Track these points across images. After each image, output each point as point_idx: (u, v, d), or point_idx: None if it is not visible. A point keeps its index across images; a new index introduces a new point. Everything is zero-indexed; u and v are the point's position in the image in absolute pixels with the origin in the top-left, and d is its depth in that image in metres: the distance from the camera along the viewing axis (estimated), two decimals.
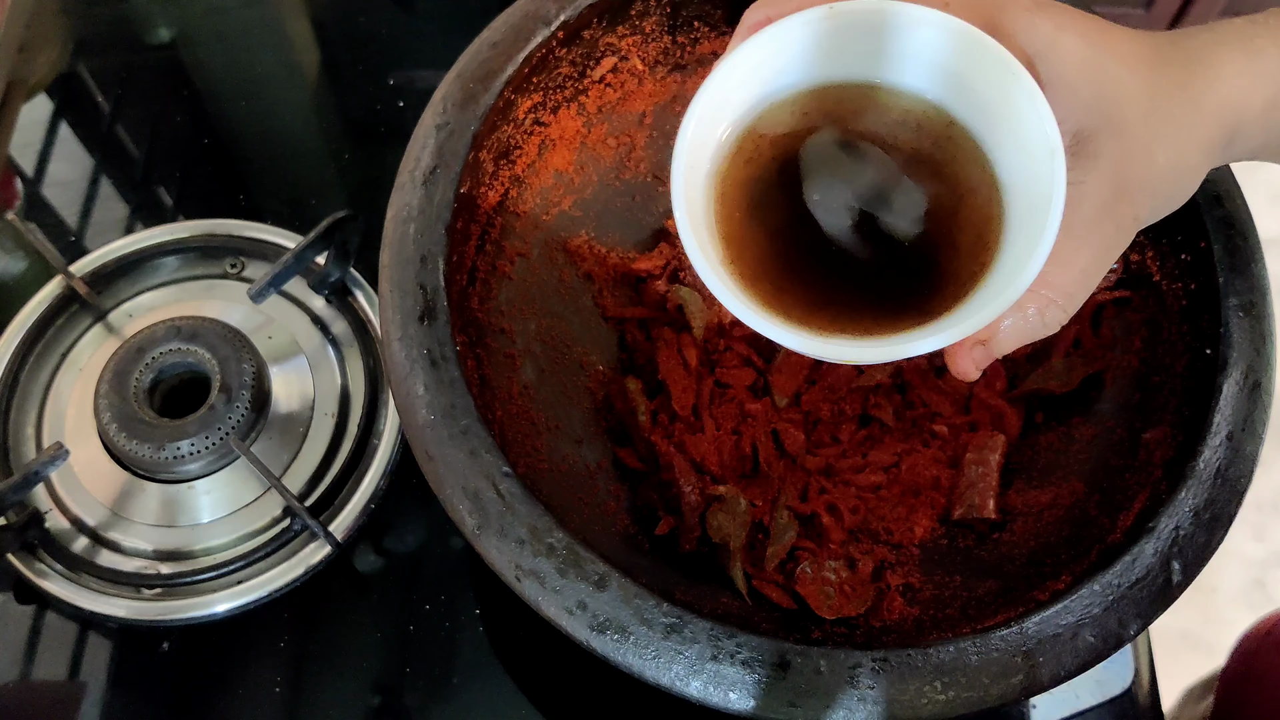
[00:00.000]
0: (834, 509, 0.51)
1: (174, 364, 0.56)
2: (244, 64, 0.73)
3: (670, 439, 0.51)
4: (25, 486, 0.52)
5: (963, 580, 0.47)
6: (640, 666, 0.37)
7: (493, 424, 0.42)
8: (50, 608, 0.53)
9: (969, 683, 0.37)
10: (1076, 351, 0.53)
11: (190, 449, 0.54)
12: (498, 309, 0.50)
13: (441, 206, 0.45)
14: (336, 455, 0.57)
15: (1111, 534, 0.43)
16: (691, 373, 0.54)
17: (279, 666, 0.52)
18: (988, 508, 0.50)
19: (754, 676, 0.37)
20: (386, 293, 0.43)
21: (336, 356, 0.60)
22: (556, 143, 0.54)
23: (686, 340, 0.54)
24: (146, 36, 0.75)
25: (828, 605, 0.46)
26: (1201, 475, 0.41)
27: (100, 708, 0.51)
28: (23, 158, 0.69)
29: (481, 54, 0.48)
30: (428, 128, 0.46)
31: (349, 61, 0.74)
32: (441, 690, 0.52)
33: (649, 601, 0.38)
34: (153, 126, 0.70)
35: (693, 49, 0.57)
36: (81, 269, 0.61)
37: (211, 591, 0.53)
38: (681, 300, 0.55)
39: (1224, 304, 0.45)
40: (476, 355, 0.46)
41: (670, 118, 0.58)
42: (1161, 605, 0.40)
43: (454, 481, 0.40)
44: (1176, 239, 0.49)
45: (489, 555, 0.39)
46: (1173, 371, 0.47)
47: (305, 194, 0.67)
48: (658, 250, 0.58)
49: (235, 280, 0.63)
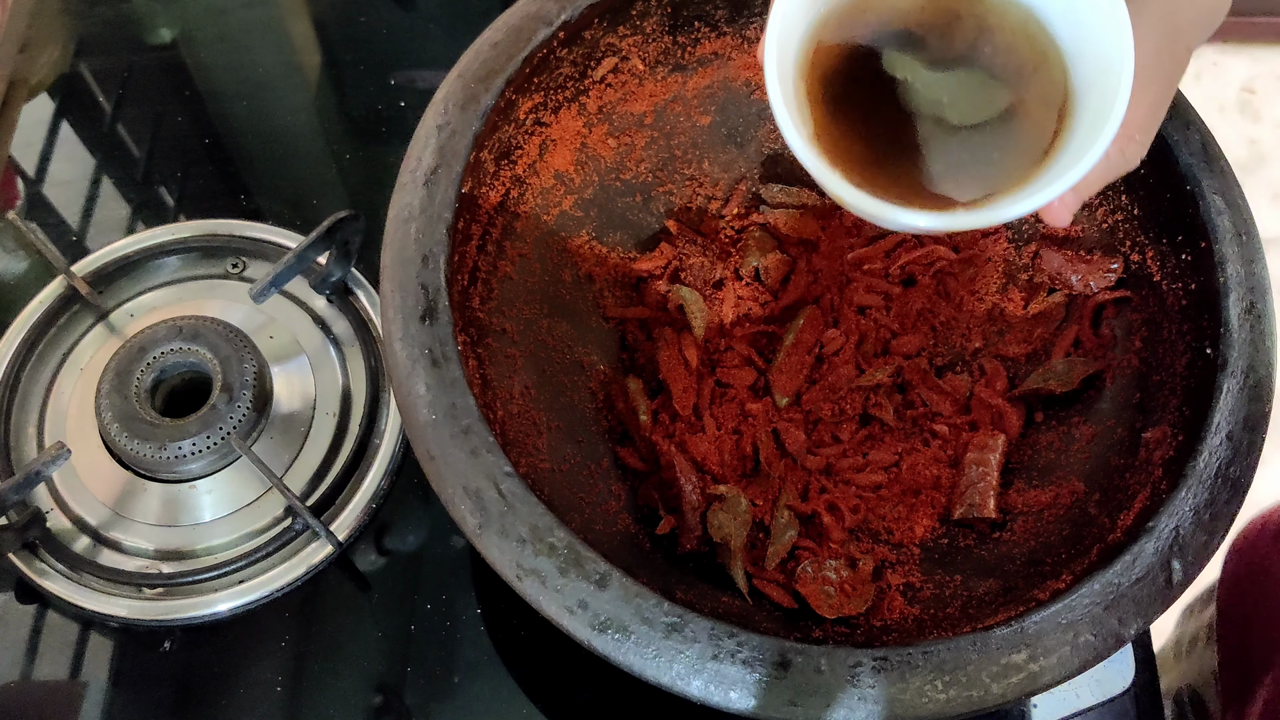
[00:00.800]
0: (834, 508, 0.51)
1: (175, 364, 0.56)
2: (245, 64, 0.73)
3: (671, 439, 0.51)
4: (27, 486, 0.52)
5: (963, 580, 0.47)
6: (641, 666, 0.37)
7: (494, 424, 0.42)
8: (51, 607, 0.53)
9: (969, 682, 0.37)
10: (1076, 351, 0.53)
11: (191, 449, 0.54)
12: (499, 309, 0.50)
13: (443, 206, 0.45)
14: (338, 455, 0.57)
15: (1112, 533, 0.43)
16: (692, 372, 0.54)
17: (280, 666, 0.52)
18: (988, 507, 0.50)
19: (755, 675, 0.37)
20: (388, 292, 0.43)
21: (338, 356, 0.60)
22: (557, 143, 0.54)
23: (687, 340, 0.54)
24: (148, 36, 0.75)
25: (828, 604, 0.46)
26: (1202, 475, 0.41)
27: (101, 707, 0.51)
28: (24, 158, 0.69)
29: (482, 54, 0.48)
30: (429, 128, 0.47)
31: (350, 62, 0.74)
32: (443, 689, 0.52)
33: (650, 601, 0.38)
34: (154, 126, 0.70)
35: (693, 49, 0.57)
36: (83, 269, 0.61)
37: (213, 591, 0.53)
38: (682, 300, 0.55)
39: (1224, 304, 0.45)
40: (478, 355, 0.46)
41: (670, 118, 0.58)
42: (1161, 605, 0.40)
43: (455, 481, 0.40)
44: (1176, 239, 0.49)
45: (490, 554, 0.39)
46: (1173, 371, 0.47)
47: (306, 194, 0.67)
48: (658, 250, 0.58)
49: (236, 280, 0.63)
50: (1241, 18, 1.63)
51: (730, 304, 0.57)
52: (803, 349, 0.55)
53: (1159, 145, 0.48)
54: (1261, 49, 1.72)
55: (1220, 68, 1.71)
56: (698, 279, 0.57)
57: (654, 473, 0.51)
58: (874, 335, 0.55)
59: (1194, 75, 1.69)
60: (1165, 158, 0.48)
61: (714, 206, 0.60)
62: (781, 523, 0.50)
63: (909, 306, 0.56)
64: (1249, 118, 1.65)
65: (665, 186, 0.59)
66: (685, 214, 0.59)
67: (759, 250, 0.57)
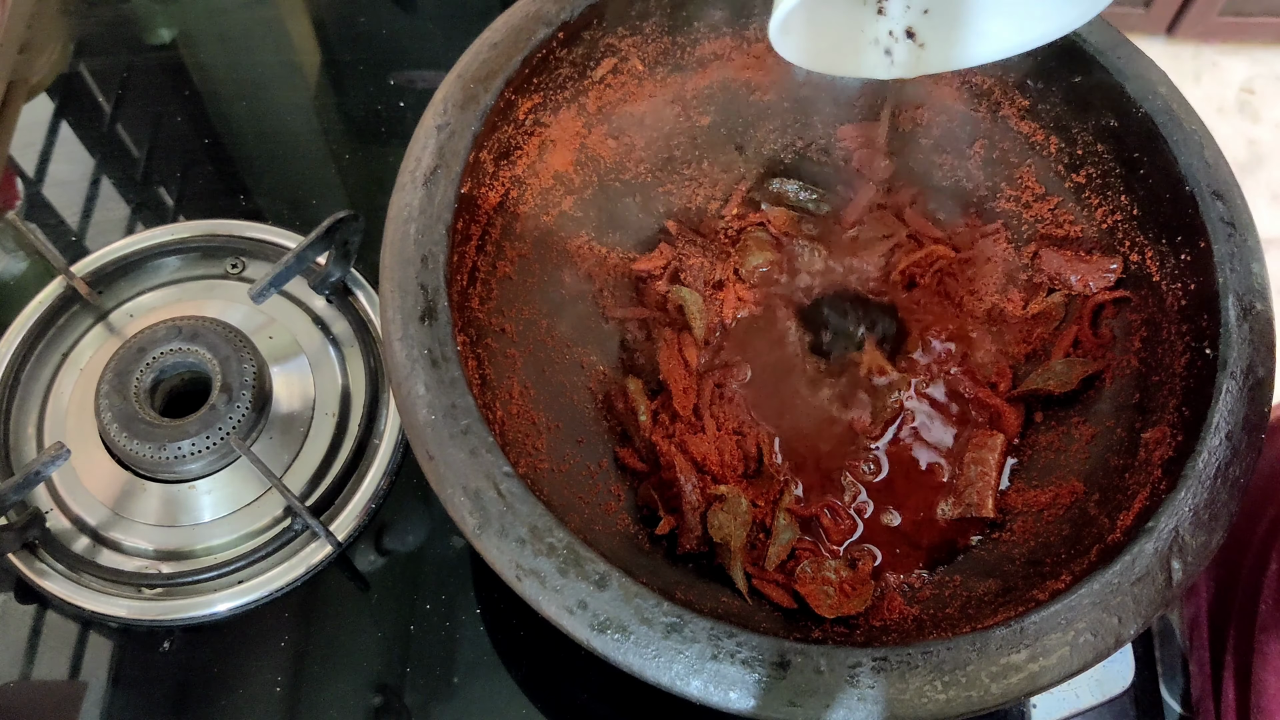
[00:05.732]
0: (834, 511, 0.51)
1: (175, 364, 0.56)
2: (245, 64, 0.73)
3: (671, 439, 0.51)
4: (26, 486, 0.52)
5: (963, 580, 0.47)
6: (640, 666, 0.37)
7: (493, 424, 0.42)
8: (51, 607, 0.53)
9: (969, 682, 0.37)
10: (1076, 351, 0.53)
11: (191, 449, 0.54)
12: (498, 309, 0.50)
13: (442, 207, 0.45)
14: (337, 455, 0.57)
15: (1111, 533, 0.43)
16: (692, 373, 0.54)
17: (280, 666, 0.52)
18: (987, 507, 0.50)
19: (754, 676, 0.37)
20: (387, 292, 0.43)
21: (337, 356, 0.60)
22: (557, 143, 0.54)
23: (687, 340, 0.54)
24: (147, 37, 0.75)
25: (827, 604, 0.46)
26: (1201, 475, 0.41)
27: (101, 707, 0.51)
28: (24, 158, 0.69)
29: (482, 54, 0.48)
30: (428, 128, 0.47)
31: (350, 62, 0.74)
32: (442, 689, 0.52)
33: (649, 601, 0.38)
34: (154, 127, 0.70)
35: (693, 50, 0.57)
36: (82, 269, 0.61)
37: (212, 591, 0.53)
38: (682, 300, 0.55)
39: (1223, 304, 0.45)
40: (477, 355, 0.46)
41: (670, 118, 0.58)
42: (1162, 605, 0.40)
43: (455, 481, 0.40)
44: (1176, 239, 0.49)
45: (489, 555, 0.39)
46: (1172, 371, 0.47)
47: (306, 194, 0.67)
48: (658, 250, 0.58)
49: (236, 280, 0.63)
50: (1241, 18, 1.64)
51: (730, 304, 0.57)
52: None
53: (1159, 145, 0.48)
54: (1261, 49, 1.72)
55: (1220, 68, 1.71)
56: (698, 279, 0.57)
57: (654, 473, 0.51)
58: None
59: (1194, 75, 1.69)
60: (1165, 158, 0.48)
61: (714, 206, 0.60)
62: (782, 523, 0.50)
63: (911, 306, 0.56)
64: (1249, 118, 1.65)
65: (665, 186, 0.59)
66: (685, 214, 0.59)
67: (758, 250, 0.57)
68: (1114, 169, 0.52)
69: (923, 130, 0.59)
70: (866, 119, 0.60)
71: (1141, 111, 0.49)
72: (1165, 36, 1.69)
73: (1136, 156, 0.50)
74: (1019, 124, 0.55)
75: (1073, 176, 0.54)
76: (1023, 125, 0.55)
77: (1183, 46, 1.71)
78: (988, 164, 0.57)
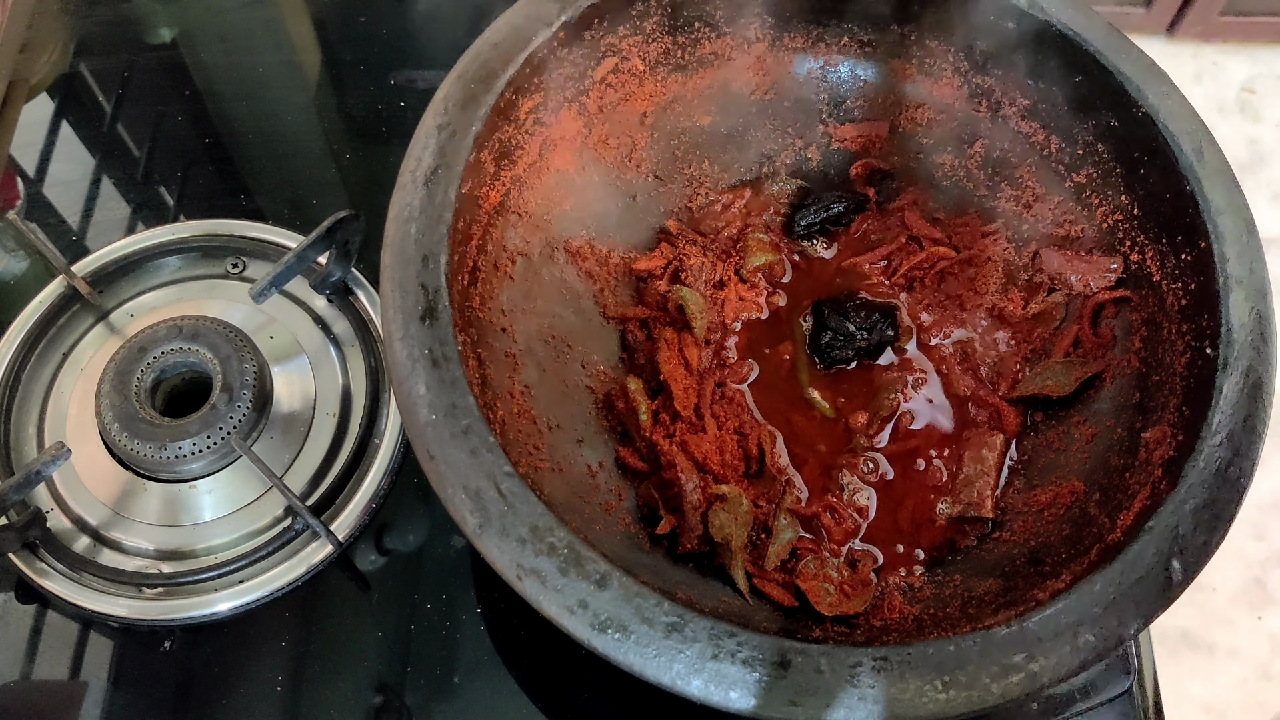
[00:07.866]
0: (835, 511, 0.51)
1: (175, 364, 0.56)
2: (245, 64, 0.73)
3: (671, 439, 0.51)
4: (27, 486, 0.52)
5: (963, 579, 0.47)
6: (641, 665, 0.37)
7: (494, 423, 0.42)
8: (52, 607, 0.53)
9: (969, 682, 0.37)
10: (1076, 351, 0.53)
11: (192, 448, 0.54)
12: (499, 309, 0.50)
13: (443, 206, 0.45)
14: (338, 455, 0.57)
15: (1111, 533, 0.43)
16: (693, 372, 0.54)
17: (280, 665, 0.52)
18: (986, 507, 0.50)
19: (755, 675, 0.37)
20: (388, 292, 0.43)
21: (338, 356, 0.60)
22: (557, 143, 0.54)
23: (688, 340, 0.54)
24: (148, 36, 0.75)
25: (827, 601, 0.46)
26: (1201, 475, 0.41)
27: (102, 707, 0.51)
28: (24, 158, 0.69)
29: (483, 54, 0.48)
30: (429, 128, 0.47)
31: (350, 62, 0.74)
32: (442, 689, 0.52)
33: (650, 600, 0.38)
34: (154, 126, 0.70)
35: (693, 49, 0.57)
36: (83, 269, 0.61)
37: (213, 591, 0.53)
38: (682, 300, 0.55)
39: (1224, 304, 0.45)
40: (478, 355, 0.46)
41: (670, 118, 0.58)
42: (1161, 605, 0.40)
43: (455, 481, 0.40)
44: (1176, 239, 0.49)
45: (490, 554, 0.39)
46: (1172, 371, 0.47)
47: (306, 194, 0.67)
48: (658, 250, 0.58)
49: (237, 280, 0.63)
50: (1242, 17, 1.64)
51: (731, 304, 0.57)
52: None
53: (1159, 145, 0.48)
54: (1261, 49, 1.72)
55: (1220, 68, 1.71)
56: (698, 279, 0.57)
57: (654, 472, 0.51)
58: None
59: (1194, 75, 1.69)
60: (1165, 158, 0.48)
61: (714, 207, 0.60)
62: (783, 523, 0.50)
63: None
64: (1249, 118, 1.65)
65: (665, 186, 0.59)
66: (685, 214, 0.59)
67: (759, 250, 0.57)
68: (1114, 169, 0.52)
69: (923, 130, 0.59)
70: (867, 119, 0.60)
71: (1142, 111, 0.49)
72: (1165, 36, 1.69)
73: (1137, 156, 0.50)
74: (1019, 124, 0.55)
75: (1073, 176, 0.54)
76: (1023, 125, 0.55)
77: (1183, 46, 1.71)
78: (988, 164, 0.57)
